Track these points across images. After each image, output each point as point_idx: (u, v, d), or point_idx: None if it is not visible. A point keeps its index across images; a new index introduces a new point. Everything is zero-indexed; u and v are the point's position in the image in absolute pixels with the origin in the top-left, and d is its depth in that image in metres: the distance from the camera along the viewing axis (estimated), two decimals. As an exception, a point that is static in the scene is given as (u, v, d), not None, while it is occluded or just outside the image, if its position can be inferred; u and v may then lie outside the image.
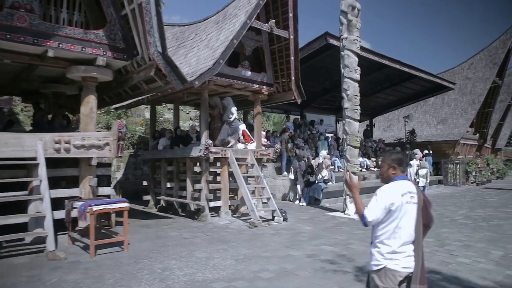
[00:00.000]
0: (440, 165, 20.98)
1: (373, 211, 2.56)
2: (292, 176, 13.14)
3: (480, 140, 25.20)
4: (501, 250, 6.38)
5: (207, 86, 9.43)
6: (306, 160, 13.33)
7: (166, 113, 21.88)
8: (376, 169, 17.86)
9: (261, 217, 9.23)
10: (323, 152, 15.40)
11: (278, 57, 10.42)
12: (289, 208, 11.79)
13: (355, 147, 10.12)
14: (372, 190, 14.87)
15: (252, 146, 10.51)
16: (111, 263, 5.74)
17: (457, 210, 11.26)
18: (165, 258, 5.99)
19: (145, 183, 11.61)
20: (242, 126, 10.81)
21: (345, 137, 10.29)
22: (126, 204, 6.56)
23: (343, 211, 10.14)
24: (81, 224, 6.93)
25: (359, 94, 10.20)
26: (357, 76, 10.12)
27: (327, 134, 18.58)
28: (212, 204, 9.69)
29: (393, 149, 18.87)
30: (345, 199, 10.18)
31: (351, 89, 10.11)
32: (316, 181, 12.61)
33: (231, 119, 9.87)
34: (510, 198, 14.68)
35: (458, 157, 21.61)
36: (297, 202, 12.74)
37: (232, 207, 10.50)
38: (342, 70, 10.25)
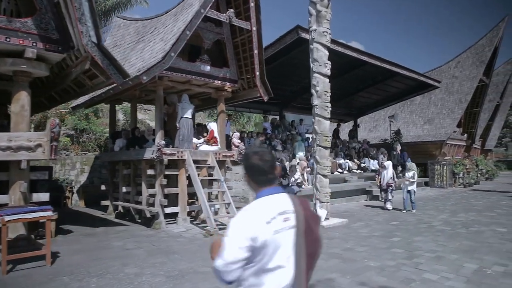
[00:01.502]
0: (426, 166, 20.33)
1: (228, 257, 1.66)
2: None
3: (469, 140, 24.60)
4: (476, 262, 5.64)
5: (162, 82, 8.64)
6: (280, 162, 12.58)
7: (142, 114, 21.07)
8: (359, 171, 17.18)
9: (222, 224, 8.46)
10: (300, 154, 14.64)
11: (242, 51, 9.65)
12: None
13: (325, 147, 9.36)
14: (351, 193, 14.25)
15: (214, 147, 9.70)
16: (22, 281, 4.93)
17: (437, 214, 10.55)
18: (88, 274, 5.19)
19: (103, 187, 10.78)
20: (213, 125, 10.01)
21: (314, 137, 9.53)
22: (48, 213, 5.74)
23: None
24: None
25: (329, 91, 9.46)
26: (326, 70, 9.38)
27: (308, 135, 17.86)
28: (169, 210, 8.88)
29: (378, 150, 18.26)
30: (314, 204, 9.40)
31: (321, 85, 9.36)
32: (290, 185, 11.83)
33: (181, 118, 9.03)
34: (496, 200, 14.02)
35: (445, 158, 20.96)
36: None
37: (193, 213, 9.71)
38: (311, 65, 9.51)
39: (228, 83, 9.68)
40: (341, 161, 16.54)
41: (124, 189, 9.84)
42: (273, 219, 1.69)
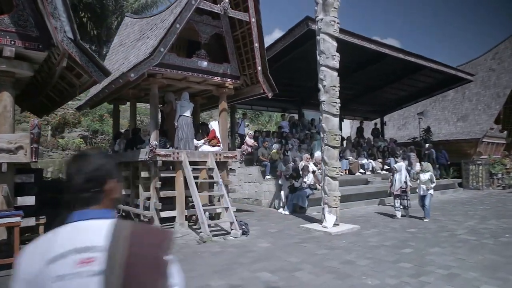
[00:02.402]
0: (460, 166, 18.82)
1: None
2: (280, 181, 11.73)
3: (509, 138, 22.59)
4: (497, 283, 4.72)
5: (155, 80, 8.21)
6: (293, 163, 11.85)
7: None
8: (383, 172, 16.09)
9: (222, 230, 7.93)
10: (318, 153, 13.79)
11: (243, 45, 9.04)
12: (268, 217, 10.43)
13: (334, 147, 8.57)
14: (372, 195, 13.25)
15: (216, 148, 9.16)
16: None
17: (464, 221, 9.45)
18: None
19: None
20: (214, 125, 9.49)
21: (322, 135, 8.76)
22: (16, 219, 5.40)
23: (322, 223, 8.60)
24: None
25: (338, 85, 8.65)
26: (334, 63, 8.58)
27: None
28: (165, 214, 8.45)
29: (406, 149, 17.00)
30: (323, 208, 8.64)
31: (328, 79, 8.58)
32: (302, 187, 11.09)
33: (179, 117, 8.55)
34: (537, 205, 12.58)
35: (481, 157, 19.31)
36: (280, 210, 11.28)
37: (193, 217, 9.22)
38: (318, 57, 8.75)
39: (229, 80, 9.11)
40: (364, 161, 15.53)
41: (123, 192, 9.51)
42: (60, 259, 1.08)
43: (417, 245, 6.87)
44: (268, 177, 12.39)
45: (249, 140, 13.33)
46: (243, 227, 7.93)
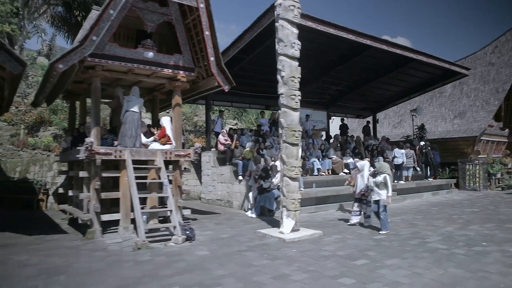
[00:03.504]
0: (457, 166, 17.81)
1: None
2: (250, 182, 10.96)
3: (511, 136, 21.41)
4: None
5: (95, 72, 7.50)
6: (265, 162, 11.05)
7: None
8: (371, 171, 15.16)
9: (169, 235, 7.21)
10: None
11: (195, 35, 8.27)
12: (231, 220, 9.68)
13: (293, 144, 7.75)
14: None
15: (167, 146, 8.42)
16: None
17: (444, 226, 8.55)
18: None
19: (61, 190, 9.91)
20: (165, 121, 8.74)
21: (280, 131, 7.96)
22: None
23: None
24: None
25: (298, 76, 7.83)
26: (294, 52, 7.77)
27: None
28: (107, 217, 7.74)
29: (399, 147, 16.01)
30: (281, 212, 7.84)
31: (287, 69, 7.77)
32: (270, 188, 10.29)
33: (126, 112, 7.84)
34: (532, 207, 11.57)
35: (479, 156, 18.23)
36: (248, 212, 10.50)
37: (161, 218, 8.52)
38: (276, 46, 7.95)
39: (182, 72, 8.35)
40: (349, 160, 14.64)
41: (70, 193, 8.85)
42: None
43: (375, 255, 6.03)
44: (240, 177, 11.62)
45: (222, 138, 12.58)
46: (187, 232, 7.19)
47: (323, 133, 18.11)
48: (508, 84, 18.33)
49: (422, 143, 16.52)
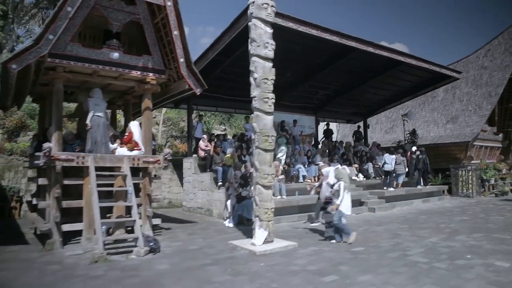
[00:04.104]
0: (450, 172, 17.38)
1: None
2: (229, 190, 10.49)
3: (505, 141, 21.01)
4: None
5: (56, 74, 7.08)
6: (244, 169, 10.61)
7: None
8: (359, 178, 14.75)
9: (133, 246, 6.73)
10: (280, 158, 12.57)
11: (165, 35, 7.85)
12: (206, 230, 9.22)
13: (266, 150, 7.31)
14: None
15: (135, 152, 7.97)
16: None
17: (429, 236, 8.09)
18: None
19: (31, 199, 9.42)
20: (133, 126, 8.30)
21: (253, 136, 7.52)
22: None
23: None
24: None
25: (271, 77, 7.41)
26: (267, 52, 7.36)
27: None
28: (68, 227, 7.28)
29: (389, 153, 15.53)
30: (254, 222, 7.38)
31: (260, 71, 7.35)
32: (249, 196, 9.82)
33: (92, 116, 7.42)
34: (525, 215, 11.14)
35: (472, 162, 17.80)
36: (226, 222, 10.02)
37: (111, 229, 8.03)
38: (249, 46, 7.54)
39: (151, 74, 7.93)
40: (337, 166, 14.17)
41: (34, 201, 8.39)
42: None
43: (348, 270, 5.57)
44: (220, 184, 11.16)
45: (202, 144, 12.14)
46: (151, 243, 6.73)
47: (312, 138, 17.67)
48: (500, 88, 17.97)
49: (414, 148, 16.10)
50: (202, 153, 12.07)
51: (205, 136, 12.39)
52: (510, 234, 8.19)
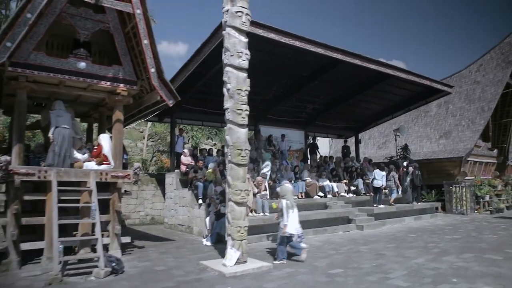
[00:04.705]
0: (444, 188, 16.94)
1: None
2: (211, 208, 10.03)
3: (500, 157, 20.64)
4: None
5: (20, 84, 6.74)
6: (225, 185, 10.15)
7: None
8: (348, 195, 14.30)
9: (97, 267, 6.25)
10: (264, 171, 12.15)
11: (136, 44, 7.55)
12: (181, 249, 8.73)
13: (239, 164, 6.90)
14: (328, 222, 11.38)
15: (103, 167, 7.56)
16: None
17: (415, 257, 7.62)
18: None
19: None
20: (103, 138, 7.91)
21: (226, 150, 7.13)
22: None
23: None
24: None
25: (245, 89, 7.07)
26: (240, 62, 7.04)
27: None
28: (28, 246, 6.81)
29: (380, 169, 15.09)
30: (226, 241, 6.92)
31: (233, 81, 7.01)
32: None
33: (55, 128, 7.03)
34: (519, 233, 10.68)
35: (466, 178, 17.38)
36: (204, 240, 9.52)
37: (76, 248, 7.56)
38: (223, 55, 7.23)
39: (122, 85, 7.60)
40: (325, 182, 13.77)
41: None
42: None
43: (320, 295, 5.10)
44: (200, 201, 10.70)
45: (184, 159, 11.74)
46: (113, 264, 6.25)
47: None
48: (493, 103, 17.71)
49: (405, 163, 15.69)
50: (183, 168, 11.66)
51: (185, 150, 11.99)
52: (502, 254, 7.72)
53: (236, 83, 7.00)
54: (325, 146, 25.00)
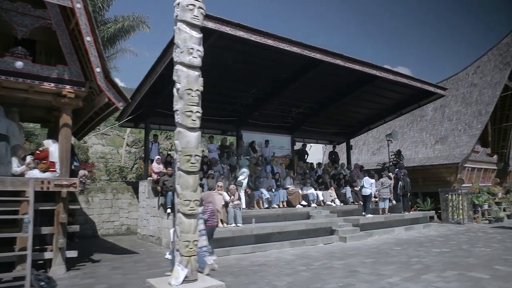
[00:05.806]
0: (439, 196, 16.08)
1: None
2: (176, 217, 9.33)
3: (500, 163, 19.70)
4: None
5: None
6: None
7: (98, 138, 18.93)
8: (335, 203, 13.53)
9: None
10: (240, 179, 11.46)
11: (82, 42, 6.94)
12: (138, 263, 8.07)
13: (188, 172, 6.21)
14: (306, 234, 10.60)
15: (47, 174, 6.94)
16: None
17: (392, 274, 6.85)
18: None
19: None
20: (48, 144, 7.30)
21: (175, 157, 6.45)
22: None
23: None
24: None
25: (196, 88, 6.38)
26: (191, 59, 6.35)
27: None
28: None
29: (369, 176, 14.32)
30: (173, 257, 6.22)
31: (183, 81, 6.33)
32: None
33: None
34: (514, 245, 9.84)
35: (463, 185, 16.50)
36: (167, 253, 8.80)
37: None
38: (173, 53, 6.58)
39: (68, 86, 6.99)
40: (310, 191, 13.02)
41: None
42: None
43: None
44: (169, 210, 10.03)
45: (155, 166, 11.10)
46: (42, 283, 5.59)
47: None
48: (491, 106, 16.87)
49: (396, 169, 14.90)
50: (154, 176, 11.01)
51: (158, 157, 11.36)
52: (489, 272, 6.92)
53: (187, 82, 6.32)
54: (319, 152, 24.22)
